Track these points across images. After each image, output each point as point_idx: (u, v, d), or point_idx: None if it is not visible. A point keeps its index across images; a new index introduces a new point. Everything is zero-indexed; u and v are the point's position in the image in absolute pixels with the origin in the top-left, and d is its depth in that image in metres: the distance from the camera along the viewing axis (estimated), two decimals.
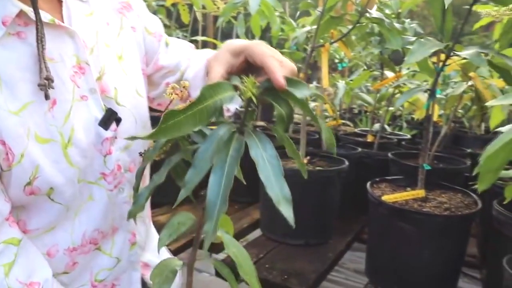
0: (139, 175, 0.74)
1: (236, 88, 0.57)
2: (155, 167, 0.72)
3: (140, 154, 0.89)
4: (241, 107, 0.61)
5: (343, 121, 3.55)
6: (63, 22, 0.78)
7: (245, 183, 0.69)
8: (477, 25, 1.93)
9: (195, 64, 0.99)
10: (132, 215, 0.70)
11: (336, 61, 3.12)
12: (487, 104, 0.83)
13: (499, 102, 0.85)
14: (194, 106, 0.52)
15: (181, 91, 0.71)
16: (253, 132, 0.56)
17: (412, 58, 1.30)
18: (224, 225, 0.77)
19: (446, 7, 1.26)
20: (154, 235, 1.09)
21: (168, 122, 0.51)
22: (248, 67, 0.74)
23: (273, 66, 0.63)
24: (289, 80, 0.60)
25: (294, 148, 0.60)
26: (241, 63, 0.75)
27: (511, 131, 0.79)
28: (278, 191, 0.50)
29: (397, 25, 1.74)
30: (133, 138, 0.63)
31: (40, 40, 0.70)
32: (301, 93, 0.57)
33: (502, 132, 0.76)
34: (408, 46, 1.66)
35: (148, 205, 0.97)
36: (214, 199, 0.50)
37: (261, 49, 0.70)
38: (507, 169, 1.62)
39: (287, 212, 0.49)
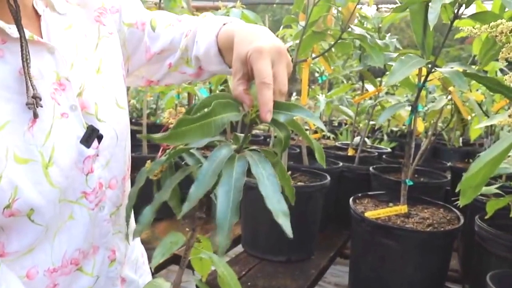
0: (133, 196, 0.73)
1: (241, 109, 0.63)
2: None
3: (124, 178, 0.87)
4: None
5: (323, 133, 3.56)
6: (41, 38, 0.76)
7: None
8: (458, 35, 1.95)
9: (202, 40, 0.93)
10: (138, 234, 0.69)
11: (316, 74, 3.12)
12: (479, 126, 0.82)
13: (483, 124, 0.84)
14: (204, 118, 0.57)
15: (177, 117, 0.72)
16: (252, 153, 0.60)
17: (393, 78, 1.30)
18: (204, 246, 0.77)
19: (432, 27, 1.27)
20: (134, 249, 1.05)
21: (180, 128, 0.55)
22: None
23: (262, 102, 0.64)
24: (281, 104, 0.64)
25: (285, 174, 0.65)
26: (252, 70, 0.73)
27: (492, 151, 0.79)
28: (277, 206, 0.53)
29: (379, 42, 1.74)
30: (147, 137, 0.63)
31: (25, 58, 0.68)
32: (285, 116, 0.63)
33: (480, 145, 0.75)
34: (390, 63, 1.67)
35: (132, 220, 0.94)
36: (224, 211, 0.53)
37: (260, 69, 0.67)
38: (489, 184, 1.63)
39: (286, 225, 0.53)
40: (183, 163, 0.71)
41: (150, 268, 1.08)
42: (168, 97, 2.71)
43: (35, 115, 0.69)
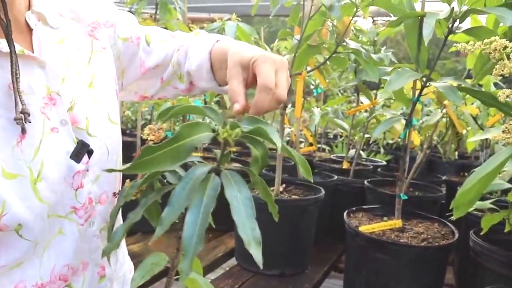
0: (114, 215, 0.73)
1: (213, 128, 0.59)
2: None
3: (114, 194, 0.86)
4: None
5: (318, 145, 3.55)
6: (32, 52, 0.75)
7: (214, 226, 0.70)
8: (451, 50, 1.96)
9: (195, 55, 0.93)
10: (106, 253, 0.68)
11: (312, 86, 3.13)
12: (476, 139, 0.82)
13: (477, 138, 0.84)
14: (171, 143, 0.54)
15: (158, 133, 0.71)
16: (229, 173, 0.57)
17: (390, 87, 1.30)
18: (193, 265, 0.76)
19: (426, 43, 1.27)
20: (123, 265, 1.04)
21: (144, 157, 0.53)
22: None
23: (258, 103, 0.68)
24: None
25: (267, 191, 0.62)
26: (252, 76, 0.75)
27: (486, 167, 0.79)
28: (249, 233, 0.51)
29: (373, 56, 1.75)
30: (110, 170, 0.66)
31: (14, 73, 0.67)
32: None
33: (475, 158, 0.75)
34: (385, 77, 1.67)
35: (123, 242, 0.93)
36: (190, 238, 0.51)
37: (265, 72, 0.70)
38: (484, 199, 1.62)
39: (257, 254, 0.50)
40: (165, 180, 0.70)
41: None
42: (163, 109, 2.70)
43: (23, 131, 0.68)
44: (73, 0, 0.87)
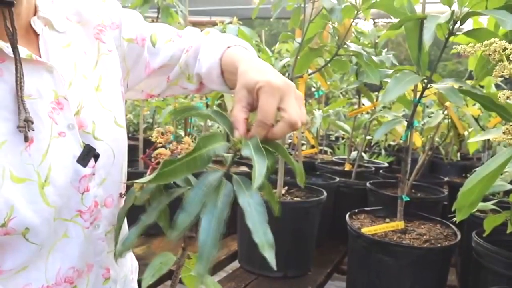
0: (122, 217, 0.74)
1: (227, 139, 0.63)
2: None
3: (121, 195, 0.86)
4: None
5: (320, 147, 3.55)
6: (40, 56, 0.76)
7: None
8: (452, 51, 1.96)
9: (205, 59, 0.92)
10: (119, 256, 0.71)
11: (313, 89, 3.13)
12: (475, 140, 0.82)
13: (477, 139, 0.84)
14: (190, 154, 0.57)
15: (166, 135, 0.73)
16: (240, 180, 0.60)
17: (387, 97, 1.30)
18: (195, 263, 0.77)
19: (427, 48, 1.27)
20: (125, 264, 1.04)
21: (165, 168, 0.56)
22: None
23: (255, 132, 0.66)
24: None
25: (272, 194, 0.65)
26: (257, 101, 0.72)
27: (487, 167, 0.79)
28: (263, 237, 0.53)
29: (374, 58, 1.75)
30: (132, 182, 0.67)
31: (19, 81, 0.68)
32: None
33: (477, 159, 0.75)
34: (386, 79, 1.67)
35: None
36: (205, 242, 0.53)
37: (265, 107, 0.67)
38: (487, 200, 1.62)
39: (271, 257, 0.53)
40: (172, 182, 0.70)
41: (139, 285, 1.06)
42: (165, 113, 2.72)
43: (26, 139, 0.68)
44: (78, 3, 0.87)
